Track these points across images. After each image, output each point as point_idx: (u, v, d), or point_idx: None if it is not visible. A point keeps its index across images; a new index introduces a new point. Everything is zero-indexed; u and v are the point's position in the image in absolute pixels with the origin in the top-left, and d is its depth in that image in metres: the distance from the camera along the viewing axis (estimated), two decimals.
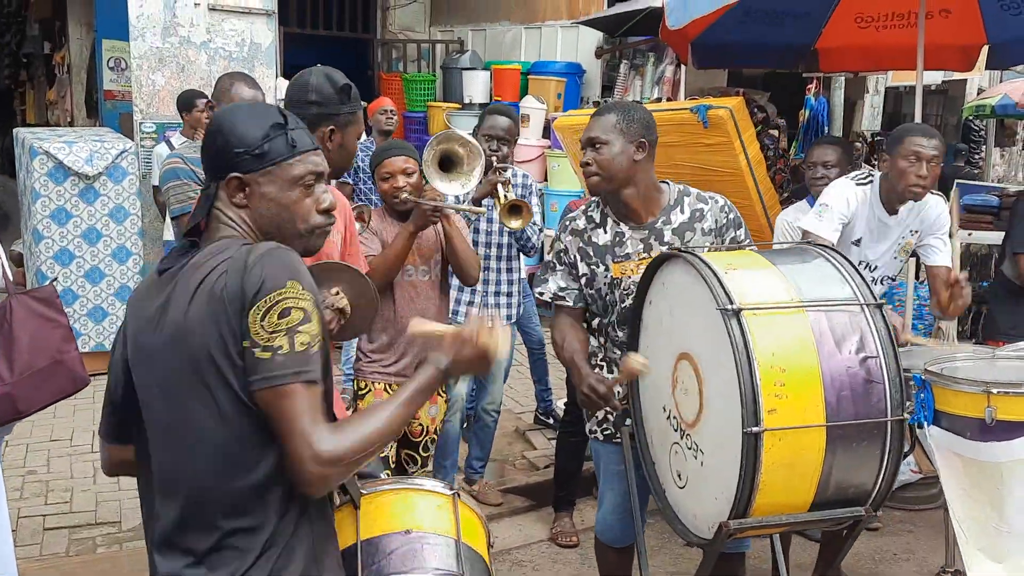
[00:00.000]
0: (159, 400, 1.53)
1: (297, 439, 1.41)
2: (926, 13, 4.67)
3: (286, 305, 1.42)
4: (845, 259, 2.29)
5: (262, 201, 1.57)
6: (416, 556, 1.87)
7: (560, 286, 2.76)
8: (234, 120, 1.58)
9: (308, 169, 1.59)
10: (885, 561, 3.99)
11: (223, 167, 1.57)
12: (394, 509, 1.98)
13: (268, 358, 1.41)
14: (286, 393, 1.41)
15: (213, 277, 1.46)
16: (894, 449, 2.10)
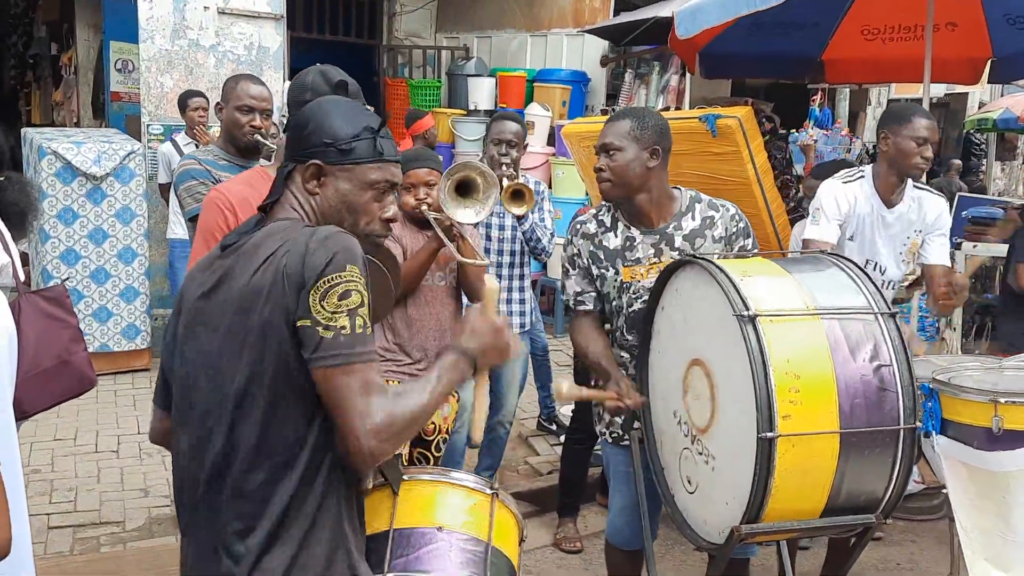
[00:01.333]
0: (210, 365, 1.57)
1: (356, 415, 1.45)
2: (933, 26, 4.72)
3: (347, 288, 1.47)
4: (859, 268, 2.31)
5: (333, 194, 1.63)
6: (444, 557, 1.89)
7: (576, 290, 2.78)
8: (331, 112, 1.64)
9: (385, 177, 1.65)
10: (888, 571, 4.00)
11: (306, 152, 1.62)
12: (431, 502, 1.99)
13: (331, 337, 1.46)
14: (349, 371, 1.46)
15: (279, 255, 1.51)
16: (906, 457, 2.12)
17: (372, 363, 1.50)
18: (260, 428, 1.52)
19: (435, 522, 1.95)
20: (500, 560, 1.98)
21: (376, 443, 1.46)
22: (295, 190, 1.64)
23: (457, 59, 9.07)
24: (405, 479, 2.00)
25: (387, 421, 1.46)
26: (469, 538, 1.95)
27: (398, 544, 1.88)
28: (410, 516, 1.94)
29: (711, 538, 2.32)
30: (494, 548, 1.96)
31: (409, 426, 1.51)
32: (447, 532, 1.93)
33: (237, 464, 1.54)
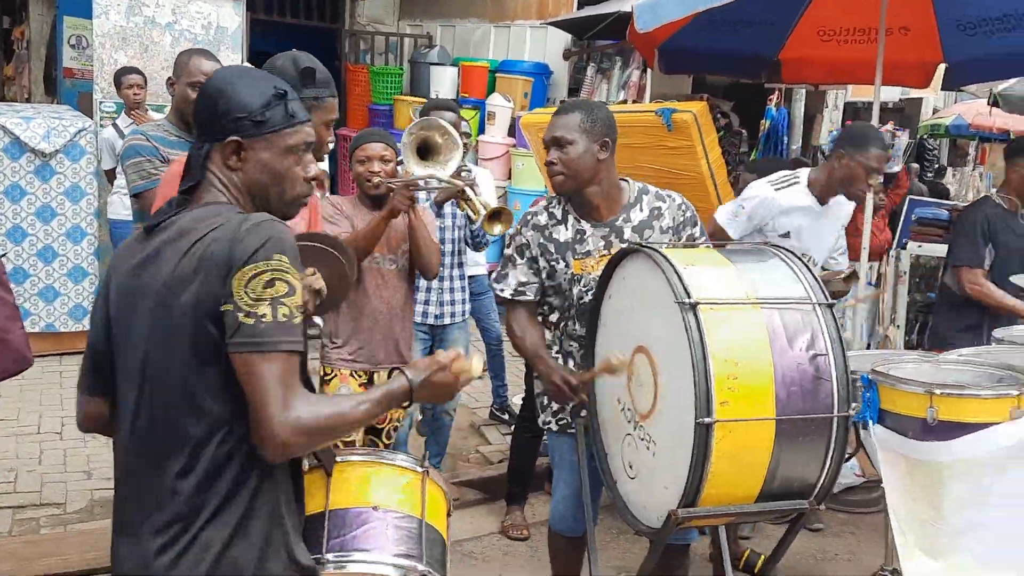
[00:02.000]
0: (139, 350, 1.55)
1: (270, 403, 1.44)
2: (886, 30, 4.81)
3: (272, 276, 1.46)
4: (800, 260, 2.35)
5: (256, 166, 1.61)
6: (380, 535, 1.90)
7: (521, 280, 2.78)
8: (237, 85, 1.61)
9: (302, 139, 1.64)
10: (827, 561, 4.08)
11: (221, 130, 1.60)
12: (364, 482, 2.00)
13: (251, 323, 1.45)
14: (267, 359, 1.45)
15: (206, 241, 1.50)
16: (838, 445, 2.17)
17: (295, 355, 1.49)
18: (194, 413, 1.51)
19: (369, 501, 1.96)
20: (433, 535, 2.00)
21: (290, 436, 1.45)
22: (216, 169, 1.62)
23: (420, 47, 9.02)
24: (338, 460, 2.01)
25: (306, 418, 1.46)
26: (403, 515, 1.96)
27: (334, 525, 1.89)
28: (345, 497, 1.95)
29: (650, 523, 2.35)
30: (427, 524, 1.98)
31: (327, 431, 1.50)
32: (382, 511, 1.94)
33: (174, 448, 1.52)
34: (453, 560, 3.84)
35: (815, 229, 3.43)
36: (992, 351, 2.87)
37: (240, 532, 1.51)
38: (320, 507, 1.91)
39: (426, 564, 1.92)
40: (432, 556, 1.96)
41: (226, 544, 1.50)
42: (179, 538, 1.51)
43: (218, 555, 1.50)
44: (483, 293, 5.09)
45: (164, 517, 1.51)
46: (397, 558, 1.91)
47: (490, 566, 3.90)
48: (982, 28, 5.01)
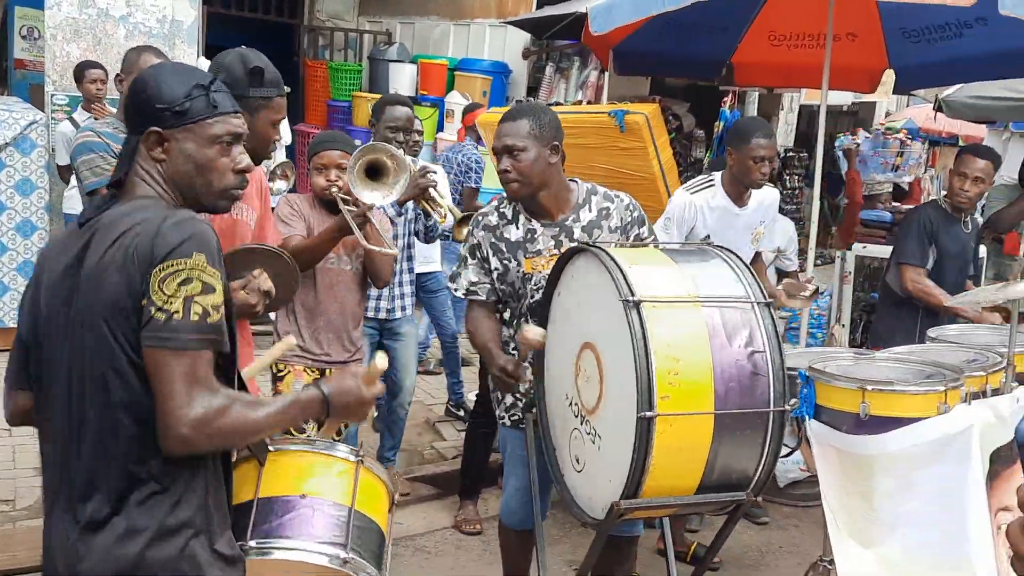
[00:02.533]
0: (67, 343, 1.57)
1: (172, 399, 1.47)
2: (834, 35, 4.93)
3: (188, 275, 1.49)
4: (740, 260, 2.43)
5: (179, 157, 1.63)
6: (306, 523, 1.94)
7: (472, 280, 2.84)
8: (159, 77, 1.64)
9: (227, 129, 1.65)
10: (771, 553, 4.20)
11: (144, 121, 1.63)
12: (296, 471, 2.04)
13: (162, 319, 1.48)
14: (174, 355, 1.48)
15: (129, 235, 1.52)
16: (775, 438, 2.25)
17: (203, 352, 1.51)
18: (121, 404, 1.53)
19: (299, 490, 1.99)
20: (365, 523, 2.03)
21: (190, 432, 1.48)
22: (142, 162, 1.64)
23: (379, 44, 9.02)
24: (271, 450, 2.04)
25: (209, 416, 1.49)
26: (332, 503, 1.99)
27: (261, 513, 1.93)
28: (275, 485, 1.99)
29: (596, 515, 2.41)
30: (357, 512, 2.01)
31: (232, 432, 1.53)
32: (310, 498, 1.98)
33: (103, 437, 1.55)
34: (407, 553, 3.92)
35: (734, 230, 3.58)
36: (925, 349, 2.98)
37: (167, 521, 1.54)
38: (250, 495, 1.95)
39: (351, 552, 1.95)
40: (361, 543, 1.99)
41: (155, 532, 1.53)
42: (106, 524, 1.54)
43: (147, 541, 1.53)
44: (438, 291, 5.13)
45: (93, 505, 1.54)
46: (321, 545, 1.95)
47: (443, 560, 3.95)
48: (926, 36, 5.17)
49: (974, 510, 2.43)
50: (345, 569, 1.93)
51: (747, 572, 4.02)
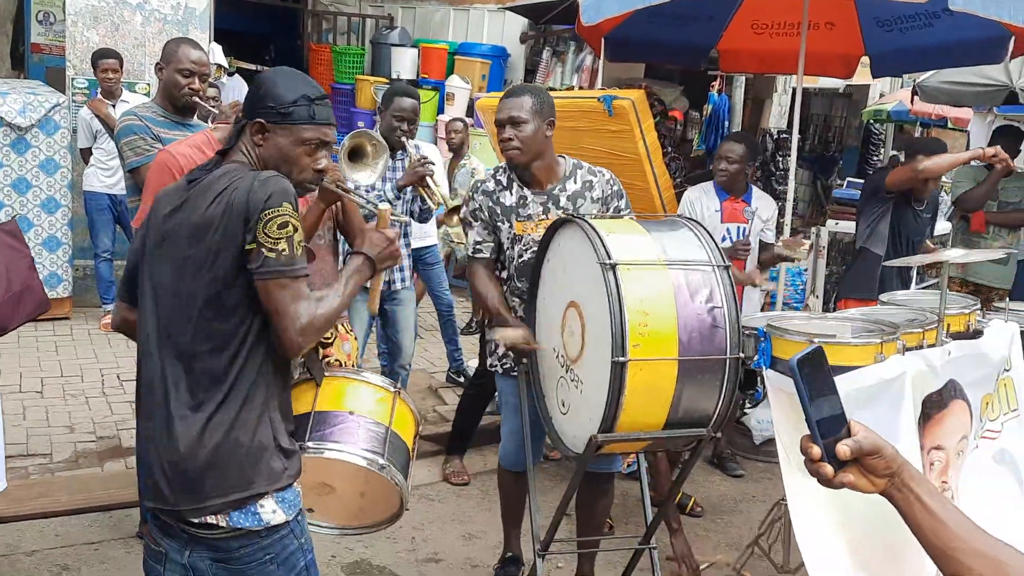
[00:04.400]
0: (171, 272, 1.95)
1: (289, 318, 1.86)
2: (812, 24, 5.26)
3: (283, 220, 1.87)
4: (704, 229, 2.79)
5: (273, 147, 2.03)
6: (352, 434, 2.32)
7: (476, 240, 3.20)
8: (277, 80, 2.03)
9: (317, 136, 2.04)
10: (745, 501, 4.59)
11: (255, 111, 2.01)
12: (345, 393, 2.42)
13: (274, 257, 1.86)
14: (285, 284, 1.87)
15: (228, 191, 1.91)
16: (731, 382, 2.62)
17: (302, 277, 1.90)
18: (209, 330, 1.91)
19: (347, 408, 2.37)
20: (398, 442, 2.42)
21: (303, 339, 1.89)
22: (245, 141, 2.04)
23: (381, 28, 9.30)
24: (326, 375, 2.42)
25: (311, 322, 1.89)
26: (373, 422, 2.38)
27: (316, 422, 2.31)
28: (327, 402, 2.37)
29: (579, 450, 2.78)
30: (392, 431, 2.39)
31: (327, 323, 1.95)
32: (356, 416, 2.36)
33: (192, 357, 1.92)
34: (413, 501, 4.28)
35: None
36: (874, 310, 3.34)
37: (240, 417, 1.92)
38: (307, 408, 2.34)
39: (387, 459, 2.35)
40: (394, 456, 2.39)
41: (230, 425, 1.91)
42: (191, 418, 1.91)
43: (225, 432, 1.91)
44: (435, 263, 5.48)
45: (182, 406, 1.92)
46: (364, 451, 2.34)
47: (445, 506, 4.33)
48: (899, 24, 5.50)
49: (906, 447, 2.79)
50: (382, 473, 2.33)
51: (724, 517, 4.41)
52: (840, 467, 1.27)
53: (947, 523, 1.26)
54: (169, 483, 1.93)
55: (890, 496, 1.29)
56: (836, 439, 1.27)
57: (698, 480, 4.73)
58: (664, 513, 3.14)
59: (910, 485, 1.28)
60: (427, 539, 3.99)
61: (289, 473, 1.99)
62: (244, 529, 1.93)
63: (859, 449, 1.25)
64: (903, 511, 1.29)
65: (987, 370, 3.18)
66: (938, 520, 1.26)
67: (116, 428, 4.69)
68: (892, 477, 1.28)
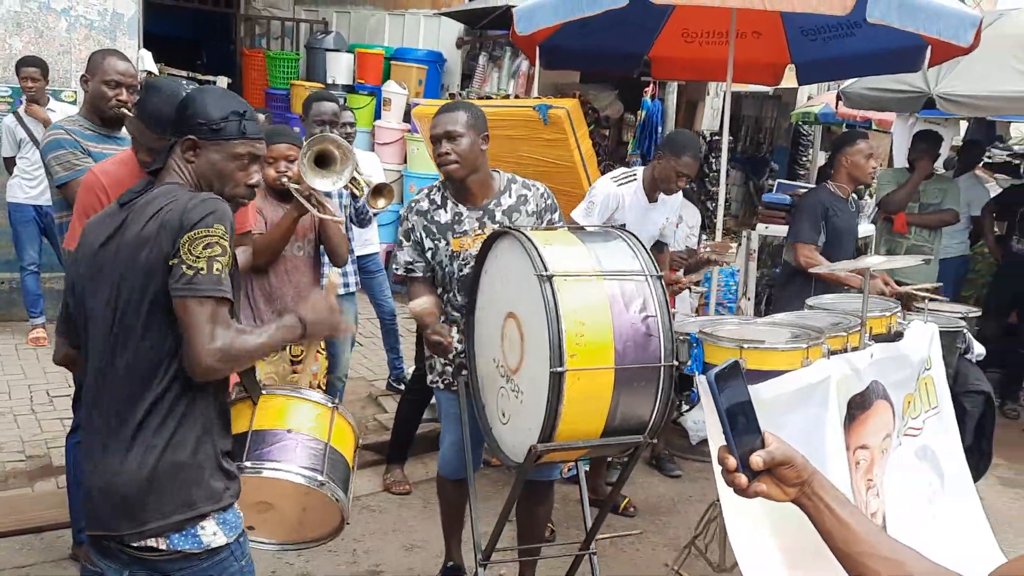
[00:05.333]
0: (109, 296, 1.94)
1: (200, 336, 1.85)
2: (740, 33, 5.40)
3: (210, 241, 1.88)
4: (638, 240, 2.86)
5: (206, 163, 2.04)
6: (291, 451, 2.33)
7: (407, 260, 3.22)
8: (206, 98, 2.05)
9: (248, 151, 2.06)
10: (683, 502, 4.69)
11: (185, 129, 2.02)
12: (283, 410, 2.43)
13: (191, 275, 1.86)
14: (200, 302, 1.86)
15: (164, 210, 1.91)
16: (665, 389, 2.68)
17: (222, 301, 1.89)
18: (146, 352, 1.91)
19: (285, 425, 2.38)
20: (337, 457, 2.43)
21: (213, 362, 1.87)
22: (176, 159, 2.05)
23: (316, 32, 9.21)
24: (264, 393, 2.42)
25: (226, 347, 1.87)
26: (312, 438, 2.39)
27: (255, 441, 2.31)
28: (266, 421, 2.37)
29: (519, 459, 2.82)
30: (331, 447, 2.41)
31: (242, 358, 1.94)
32: (294, 433, 2.37)
33: (131, 380, 1.92)
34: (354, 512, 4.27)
35: (643, 222, 4.05)
36: (802, 315, 3.46)
37: (178, 438, 1.92)
38: (245, 427, 2.35)
39: (326, 476, 2.36)
40: (333, 472, 2.40)
41: (167, 447, 1.91)
42: (130, 444, 1.91)
43: (160, 455, 1.91)
44: (377, 272, 5.47)
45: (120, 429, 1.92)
46: (302, 468, 2.36)
47: (387, 516, 4.34)
48: (823, 34, 5.68)
49: (832, 448, 2.91)
50: (322, 490, 2.34)
51: (661, 518, 4.50)
52: (754, 477, 1.34)
53: (854, 529, 1.33)
54: (108, 506, 1.92)
55: (801, 504, 1.36)
56: (751, 449, 1.33)
57: (637, 481, 4.81)
58: (603, 518, 3.19)
59: (819, 493, 1.35)
60: (368, 551, 3.99)
61: (230, 493, 2.00)
62: (184, 552, 1.93)
63: (772, 460, 1.32)
64: (813, 518, 1.36)
65: (908, 371, 3.32)
66: (846, 526, 1.33)
67: (46, 447, 4.57)
68: (802, 486, 1.35)
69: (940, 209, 6.11)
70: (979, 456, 4.09)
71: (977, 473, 4.00)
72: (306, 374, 3.64)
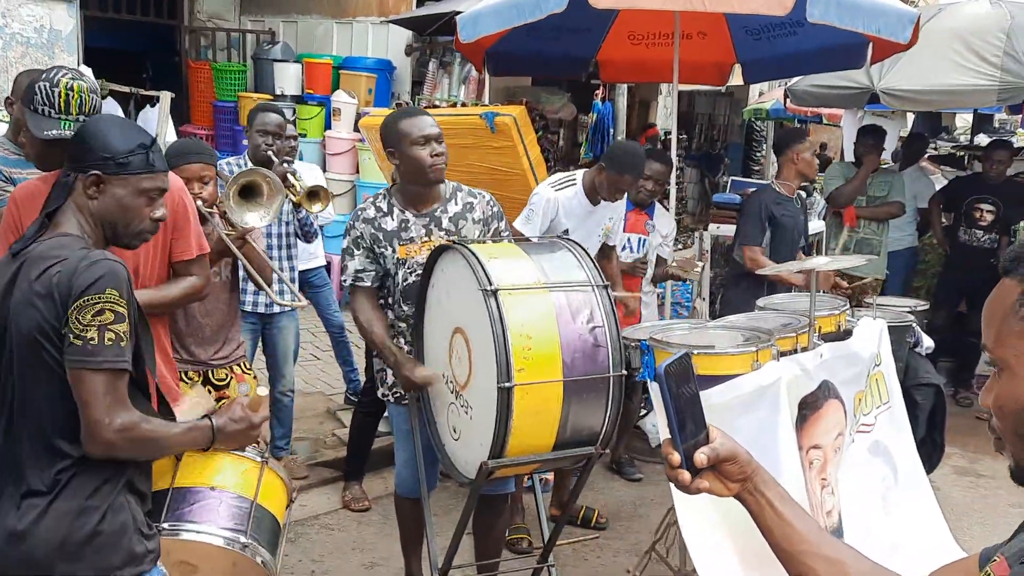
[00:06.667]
0: (9, 356, 1.84)
1: (94, 411, 1.75)
2: (685, 34, 5.42)
3: (102, 307, 1.77)
4: (583, 250, 2.84)
5: (111, 199, 1.92)
6: (213, 511, 2.24)
7: (359, 267, 3.15)
8: (109, 130, 1.92)
9: (156, 184, 1.96)
10: (644, 505, 4.69)
11: (88, 164, 1.90)
12: (209, 466, 2.34)
13: (80, 345, 1.76)
14: (93, 374, 1.76)
15: (52, 271, 1.79)
16: (615, 399, 2.67)
17: (119, 372, 1.79)
18: (52, 413, 1.81)
19: (210, 483, 2.30)
20: (264, 515, 2.35)
21: (113, 437, 1.77)
22: (76, 196, 1.92)
23: (263, 43, 9.09)
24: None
25: (128, 426, 1.78)
26: (236, 496, 2.30)
27: (175, 500, 2.23)
28: (188, 477, 2.29)
29: (471, 475, 2.78)
30: (258, 505, 2.33)
31: (144, 443, 1.84)
32: (218, 491, 2.29)
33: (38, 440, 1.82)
34: (312, 531, 4.24)
35: (586, 226, 4.03)
36: (752, 316, 3.47)
37: (92, 502, 1.82)
38: (167, 484, 2.25)
39: (250, 537, 2.27)
40: (259, 531, 2.31)
41: (81, 511, 1.81)
42: (36, 508, 1.80)
43: (77, 518, 1.81)
44: (323, 285, 5.38)
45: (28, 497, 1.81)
46: (223, 530, 2.26)
47: (346, 535, 4.27)
48: (767, 33, 5.73)
49: (785, 449, 2.92)
50: (244, 553, 2.25)
51: (624, 523, 4.49)
52: (697, 474, 1.31)
53: (795, 527, 1.32)
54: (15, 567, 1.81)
55: (743, 500, 1.34)
56: (695, 443, 1.31)
57: (598, 486, 4.81)
58: (560, 529, 3.17)
59: (761, 489, 1.33)
60: (327, 571, 3.92)
61: (152, 557, 1.91)
62: None
63: (716, 456, 1.30)
64: (754, 514, 1.34)
65: (858, 368, 3.34)
66: (787, 524, 1.32)
67: None
68: (745, 482, 1.33)
69: (887, 202, 6.20)
70: (932, 448, 4.14)
71: (930, 465, 4.05)
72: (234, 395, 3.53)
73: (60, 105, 2.43)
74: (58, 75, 2.48)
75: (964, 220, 6.50)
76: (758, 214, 4.58)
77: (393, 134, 3.07)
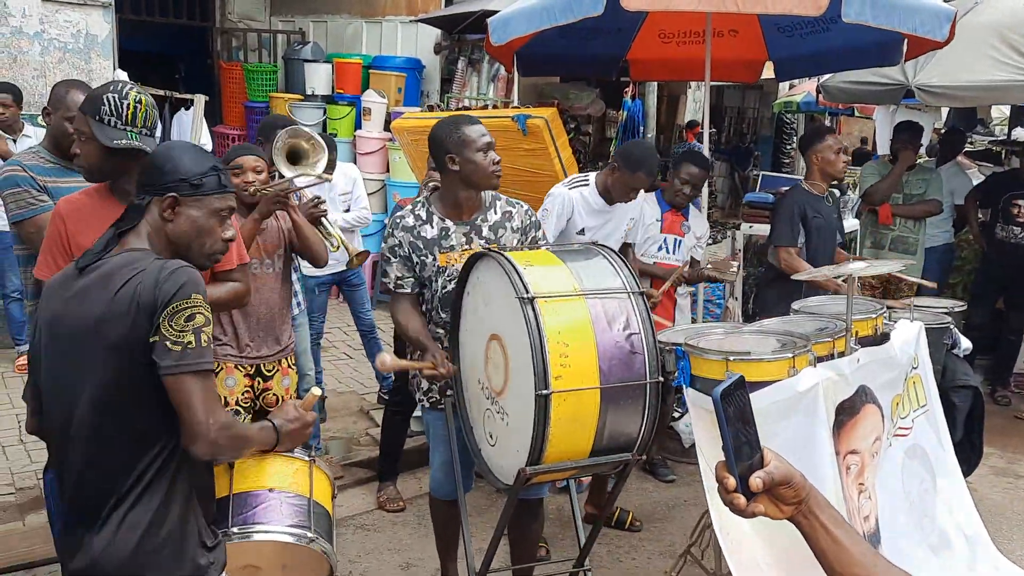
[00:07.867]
0: (74, 370, 1.88)
1: (198, 413, 1.80)
2: (716, 32, 5.39)
3: (192, 312, 1.82)
4: (618, 256, 2.85)
5: (186, 220, 1.98)
6: (276, 511, 2.31)
7: (397, 275, 3.18)
8: (182, 154, 1.99)
9: (228, 204, 2.02)
10: (678, 507, 4.68)
11: (163, 187, 1.96)
12: (262, 469, 2.41)
13: (179, 351, 1.80)
14: (195, 377, 1.81)
15: (133, 283, 1.84)
16: (652, 405, 2.67)
17: (210, 372, 1.85)
18: (120, 428, 1.85)
19: (266, 485, 2.36)
20: (320, 510, 2.43)
21: (217, 436, 1.81)
22: (150, 219, 1.98)
23: (293, 43, 9.16)
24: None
25: (227, 424, 1.84)
26: (294, 495, 2.38)
27: (237, 505, 2.29)
28: (245, 482, 2.36)
29: (508, 481, 2.81)
30: (314, 501, 2.40)
31: (239, 441, 1.89)
32: (277, 491, 2.36)
33: (106, 455, 1.86)
34: (348, 532, 4.28)
35: (604, 226, 4.03)
36: (787, 320, 3.45)
37: (160, 515, 1.87)
38: (225, 492, 2.30)
39: (314, 532, 2.35)
40: (319, 526, 2.39)
41: (149, 524, 1.86)
42: (108, 521, 1.86)
43: (142, 533, 1.86)
44: (360, 284, 5.44)
45: (97, 505, 1.86)
46: (291, 528, 2.34)
47: (381, 535, 4.31)
48: (799, 30, 5.68)
49: (822, 454, 2.90)
50: (312, 546, 2.33)
51: (658, 524, 4.49)
52: (752, 497, 1.32)
53: (850, 550, 1.32)
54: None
55: (797, 522, 1.35)
56: (750, 466, 1.32)
57: (631, 488, 4.81)
58: (596, 532, 3.18)
59: (815, 512, 1.34)
60: (364, 572, 3.97)
61: (215, 568, 1.95)
62: None
63: (771, 480, 1.30)
64: (808, 537, 1.35)
65: (895, 372, 3.32)
66: (841, 546, 1.32)
67: (36, 478, 4.53)
68: (799, 504, 1.33)
69: (924, 199, 6.12)
70: (970, 450, 4.10)
71: (968, 468, 4.01)
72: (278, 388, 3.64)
73: (128, 117, 2.53)
74: (126, 88, 2.59)
75: (1001, 217, 6.40)
76: (791, 214, 4.55)
77: (455, 139, 3.09)
